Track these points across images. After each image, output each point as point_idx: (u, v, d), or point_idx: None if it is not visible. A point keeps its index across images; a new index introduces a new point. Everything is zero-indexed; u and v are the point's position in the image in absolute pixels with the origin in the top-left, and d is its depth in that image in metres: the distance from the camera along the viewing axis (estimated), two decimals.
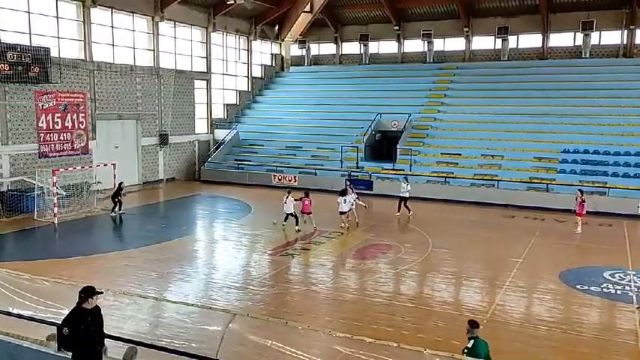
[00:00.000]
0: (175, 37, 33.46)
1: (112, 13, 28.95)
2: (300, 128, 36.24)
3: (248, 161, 34.05)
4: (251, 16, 38.71)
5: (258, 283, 14.93)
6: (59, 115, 25.99)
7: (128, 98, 30.13)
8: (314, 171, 31.40)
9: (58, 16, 26.20)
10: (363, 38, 41.01)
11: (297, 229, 20.70)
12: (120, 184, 23.64)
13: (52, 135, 25.75)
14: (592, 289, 14.48)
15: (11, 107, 24.14)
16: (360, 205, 22.23)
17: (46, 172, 23.15)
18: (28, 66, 23.59)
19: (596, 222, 22.64)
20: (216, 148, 35.65)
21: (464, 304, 13.63)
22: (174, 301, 12.40)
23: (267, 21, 39.83)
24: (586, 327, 12.22)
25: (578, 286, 14.68)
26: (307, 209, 21.24)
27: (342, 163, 31.69)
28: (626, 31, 34.57)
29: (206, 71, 36.13)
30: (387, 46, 41.72)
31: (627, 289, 14.41)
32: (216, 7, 35.00)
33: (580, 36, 35.17)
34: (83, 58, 27.45)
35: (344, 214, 21.29)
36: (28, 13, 24.81)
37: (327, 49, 43.73)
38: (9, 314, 8.93)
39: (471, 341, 7.89)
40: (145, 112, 31.22)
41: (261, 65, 42.28)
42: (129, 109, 30.24)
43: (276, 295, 14.08)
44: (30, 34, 24.88)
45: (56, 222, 21.66)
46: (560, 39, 36.57)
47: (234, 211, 24.96)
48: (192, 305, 11.48)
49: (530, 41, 37.31)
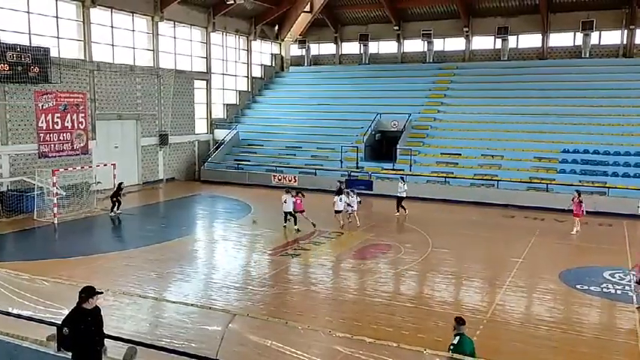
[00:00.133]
0: (175, 37, 33.46)
1: (111, 13, 28.94)
2: (300, 128, 36.23)
3: (248, 161, 34.04)
4: (251, 16, 38.71)
5: (257, 283, 14.93)
6: (59, 115, 25.99)
7: (128, 98, 30.12)
8: (314, 171, 31.39)
9: (57, 16, 26.20)
10: (363, 38, 41.01)
11: (296, 228, 20.71)
12: (120, 184, 23.66)
13: (51, 135, 25.75)
14: (592, 289, 14.48)
15: (11, 107, 24.13)
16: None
17: (45, 172, 23.14)
18: (27, 66, 23.58)
19: (596, 222, 22.64)
20: (216, 148, 35.65)
21: (464, 304, 13.62)
22: (174, 301, 12.41)
23: (266, 21, 39.83)
24: (586, 327, 12.22)
25: (578, 286, 14.69)
26: (299, 207, 21.29)
27: (341, 163, 31.68)
28: (625, 31, 34.57)
29: (206, 71, 36.12)
30: (386, 46, 41.72)
31: (627, 289, 14.39)
32: (216, 7, 34.99)
33: (580, 36, 35.19)
34: (83, 58, 27.45)
35: (339, 212, 21.38)
36: (28, 13, 24.81)
37: (327, 49, 43.73)
38: (8, 314, 8.92)
39: (457, 338, 8.01)
40: (145, 112, 31.21)
41: (261, 65, 42.28)
42: (129, 109, 30.23)
43: (276, 295, 14.07)
44: (30, 34, 24.89)
45: (56, 222, 21.65)
46: (560, 39, 36.58)
47: (234, 211, 24.96)
48: (191, 305, 11.50)
49: (530, 41, 37.33)
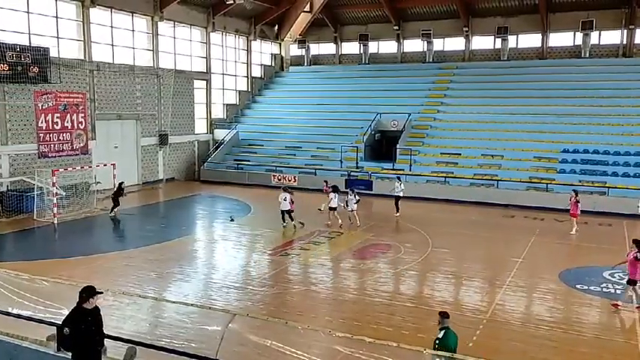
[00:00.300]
0: (175, 37, 33.45)
1: (111, 13, 28.93)
2: (300, 128, 36.23)
3: (247, 161, 34.04)
4: (250, 16, 38.70)
5: (257, 283, 14.92)
6: (58, 115, 25.98)
7: (128, 98, 30.11)
8: (314, 171, 31.38)
9: (57, 16, 26.19)
10: (363, 38, 41.01)
11: (299, 222, 21.06)
12: (120, 184, 23.61)
13: (51, 135, 25.74)
14: (592, 288, 14.49)
15: (10, 107, 24.11)
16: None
17: (45, 172, 23.14)
18: (27, 66, 23.56)
19: (596, 222, 22.66)
20: (216, 148, 35.64)
21: (464, 304, 13.63)
22: (173, 301, 12.41)
23: (266, 21, 39.83)
24: (586, 327, 12.22)
25: (578, 286, 14.70)
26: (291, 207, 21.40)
27: (341, 163, 31.67)
28: (625, 31, 34.58)
29: (205, 71, 36.11)
30: (386, 46, 41.73)
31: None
32: (216, 7, 34.99)
33: (579, 36, 35.21)
34: (82, 58, 27.44)
35: (334, 209, 21.47)
36: (28, 13, 24.80)
37: (327, 49, 43.73)
38: (8, 314, 8.92)
39: (442, 332, 8.10)
40: (145, 112, 31.19)
41: (261, 65, 42.27)
42: (128, 109, 30.22)
43: (275, 295, 14.07)
44: (29, 34, 24.87)
45: (56, 222, 21.65)
46: (560, 39, 36.58)
47: (234, 211, 24.92)
48: (191, 305, 11.49)
49: (530, 41, 37.34)
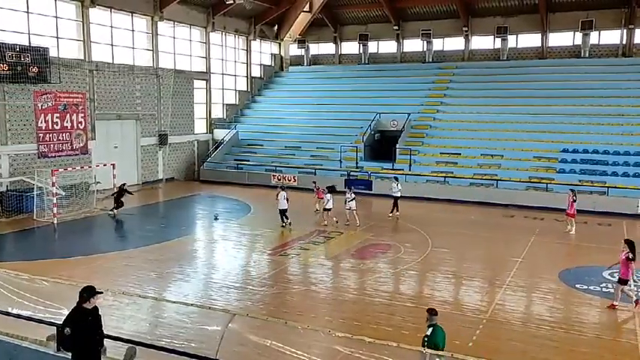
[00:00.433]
0: (174, 37, 33.44)
1: (111, 12, 28.92)
2: (300, 128, 36.23)
3: (247, 161, 34.04)
4: (250, 15, 38.70)
5: (257, 283, 14.91)
6: (58, 115, 25.96)
7: (127, 98, 30.10)
8: (313, 171, 31.36)
9: (57, 16, 26.18)
10: (363, 38, 41.00)
11: (288, 222, 21.27)
12: (122, 186, 23.50)
13: (51, 135, 25.73)
14: (592, 288, 14.49)
15: (10, 107, 24.09)
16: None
17: (45, 172, 23.12)
18: (27, 66, 23.55)
19: (596, 221, 22.67)
20: (216, 148, 35.64)
21: (464, 304, 13.61)
22: (173, 301, 12.40)
23: (266, 21, 39.83)
24: (586, 327, 12.20)
25: (578, 286, 14.70)
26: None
27: (341, 162, 31.67)
28: (625, 31, 34.58)
29: (205, 71, 36.11)
30: (386, 46, 41.73)
31: (627, 289, 14.34)
32: (216, 7, 34.98)
33: (579, 35, 35.21)
34: (82, 58, 27.43)
35: (328, 210, 21.54)
36: (27, 13, 24.79)
37: (327, 48, 43.73)
38: (8, 314, 8.92)
39: (430, 329, 8.15)
40: (145, 112, 31.18)
41: (261, 65, 42.26)
42: (128, 109, 30.21)
43: (275, 294, 14.06)
44: (29, 34, 24.86)
45: (55, 222, 21.64)
46: (560, 38, 36.58)
47: (234, 211, 24.94)
48: (191, 305, 11.49)
49: (530, 41, 37.34)
